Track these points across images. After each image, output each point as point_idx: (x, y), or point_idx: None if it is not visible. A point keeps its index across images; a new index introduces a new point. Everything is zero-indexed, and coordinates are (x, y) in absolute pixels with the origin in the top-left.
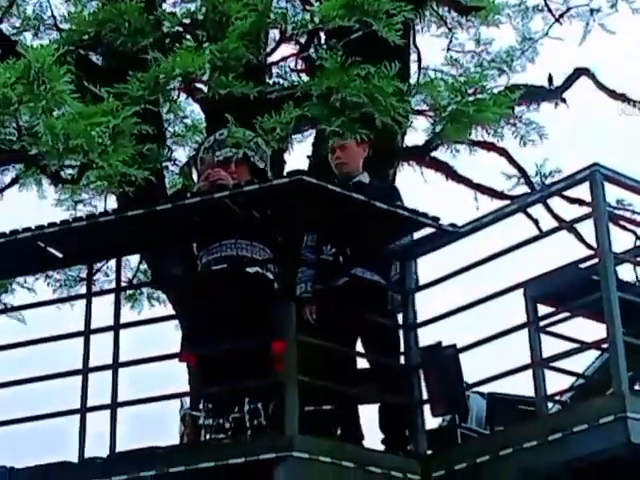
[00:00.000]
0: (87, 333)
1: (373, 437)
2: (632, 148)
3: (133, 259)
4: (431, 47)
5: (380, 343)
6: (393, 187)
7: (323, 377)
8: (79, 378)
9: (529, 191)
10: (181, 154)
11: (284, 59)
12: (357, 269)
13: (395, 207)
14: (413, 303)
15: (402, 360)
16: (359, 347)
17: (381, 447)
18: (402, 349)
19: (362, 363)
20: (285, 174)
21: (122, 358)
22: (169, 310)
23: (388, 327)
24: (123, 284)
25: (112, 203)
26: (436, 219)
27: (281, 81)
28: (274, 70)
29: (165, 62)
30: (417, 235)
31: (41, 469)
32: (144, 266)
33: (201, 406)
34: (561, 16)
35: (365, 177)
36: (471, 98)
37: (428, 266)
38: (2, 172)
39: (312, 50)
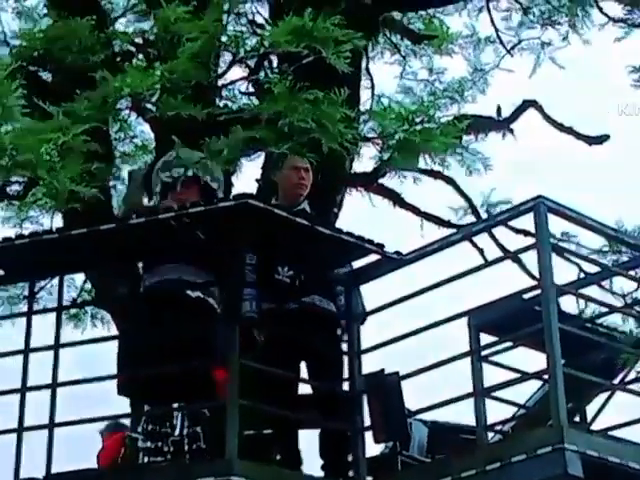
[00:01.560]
0: (26, 351)
1: (312, 463)
2: (577, 181)
3: (78, 278)
4: (385, 74)
5: (327, 370)
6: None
7: (264, 401)
8: (17, 397)
9: (475, 220)
10: None
11: (234, 82)
12: (314, 297)
13: (340, 233)
14: (358, 330)
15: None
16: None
17: (321, 473)
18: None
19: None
20: (231, 197)
21: (61, 378)
22: (112, 331)
23: (338, 356)
24: (66, 303)
25: (59, 221)
26: (381, 246)
27: (230, 104)
28: (224, 92)
29: (114, 81)
30: (362, 262)
31: None
32: (89, 285)
33: (140, 429)
34: (512, 48)
35: (306, 205)
36: (419, 127)
37: (373, 293)
38: None
39: (262, 74)
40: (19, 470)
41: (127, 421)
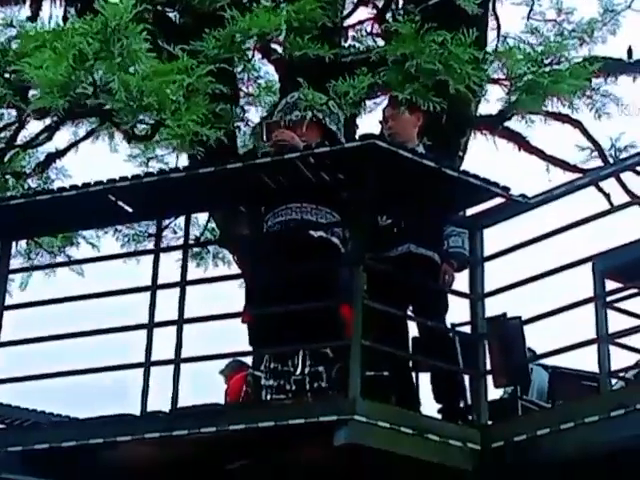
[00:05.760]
0: (154, 288)
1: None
2: None
3: (201, 217)
4: (511, 15)
5: (431, 313)
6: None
7: (381, 343)
8: (143, 333)
9: (602, 165)
10: (254, 115)
11: (360, 23)
12: (411, 245)
13: (466, 175)
14: (481, 273)
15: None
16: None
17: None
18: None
19: None
20: (357, 137)
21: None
22: (234, 270)
23: (440, 299)
24: (191, 242)
25: (184, 161)
26: (506, 189)
27: (356, 45)
28: (349, 33)
29: (242, 21)
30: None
31: (104, 420)
32: (212, 225)
33: (262, 367)
34: None
35: (420, 148)
36: (548, 68)
37: (496, 237)
38: (76, 125)
39: (389, 15)
40: (146, 403)
41: (248, 360)
